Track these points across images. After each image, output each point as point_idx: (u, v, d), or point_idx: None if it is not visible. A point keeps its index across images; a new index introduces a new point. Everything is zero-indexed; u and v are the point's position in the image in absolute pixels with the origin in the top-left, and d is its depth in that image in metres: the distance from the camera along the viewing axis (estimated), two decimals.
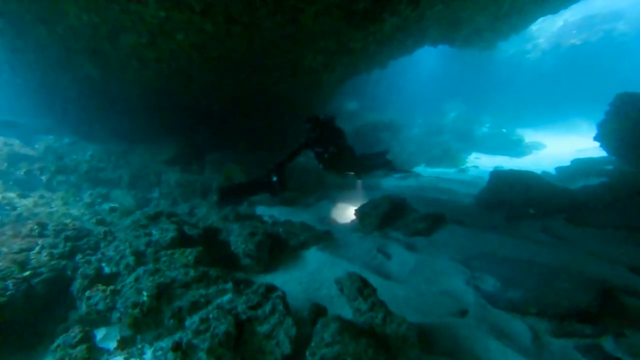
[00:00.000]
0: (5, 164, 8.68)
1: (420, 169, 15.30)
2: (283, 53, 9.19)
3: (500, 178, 9.01)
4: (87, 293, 3.86)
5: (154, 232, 5.22)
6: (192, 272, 3.97)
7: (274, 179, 6.05)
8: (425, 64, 26.48)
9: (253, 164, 10.03)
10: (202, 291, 3.83)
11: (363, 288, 3.81)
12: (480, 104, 25.39)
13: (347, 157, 6.63)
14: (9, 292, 4.16)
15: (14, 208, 7.54)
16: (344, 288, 4.11)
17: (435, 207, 7.96)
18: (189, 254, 4.28)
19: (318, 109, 13.36)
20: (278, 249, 5.77)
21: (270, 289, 3.78)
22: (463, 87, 25.67)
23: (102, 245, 5.22)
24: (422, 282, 4.96)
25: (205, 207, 8.23)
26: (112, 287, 3.83)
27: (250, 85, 10.22)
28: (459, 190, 10.71)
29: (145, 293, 3.64)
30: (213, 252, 5.33)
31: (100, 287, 3.84)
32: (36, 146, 9.87)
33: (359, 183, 10.62)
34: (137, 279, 3.88)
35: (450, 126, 21.51)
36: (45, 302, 4.41)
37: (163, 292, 3.73)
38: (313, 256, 5.78)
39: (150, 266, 3.99)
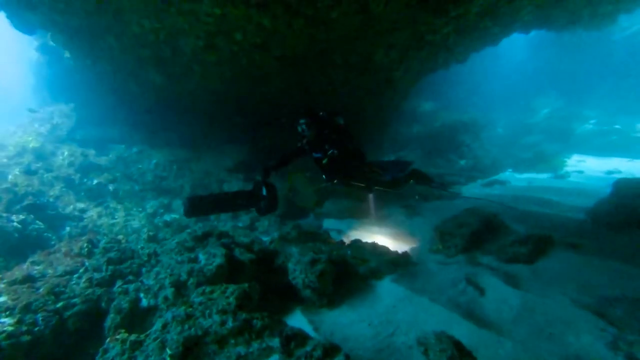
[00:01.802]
0: (79, 175, 8.84)
1: (507, 174, 13.13)
2: (351, 49, 8.17)
3: (629, 187, 6.94)
4: (107, 342, 3.17)
5: (200, 256, 4.50)
6: (230, 322, 3.08)
7: (264, 193, 4.58)
8: (510, 56, 23.28)
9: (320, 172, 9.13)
10: (241, 349, 2.91)
11: (458, 358, 2.65)
12: (579, 97, 21.56)
13: (353, 164, 4.95)
14: (37, 329, 3.68)
15: (81, 219, 7.50)
16: (429, 351, 2.97)
17: (535, 225, 6.34)
18: (231, 294, 3.41)
19: (390, 112, 12.12)
20: (344, 276, 4.74)
21: (330, 351, 2.76)
22: (558, 79, 21.91)
23: (144, 270, 4.63)
24: (536, 337, 3.56)
25: (267, 220, 7.51)
26: (134, 336, 3.08)
27: (314, 88, 9.37)
28: (563, 201, 8.63)
29: (168, 351, 2.82)
30: (268, 280, 4.54)
31: (122, 335, 3.14)
32: (110, 155, 10.04)
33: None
34: (164, 327, 3.10)
35: (542, 125, 18.50)
36: (76, 339, 3.88)
37: (191, 350, 2.88)
38: (387, 289, 4.64)
39: (181, 311, 3.18)
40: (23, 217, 6.42)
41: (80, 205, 8.10)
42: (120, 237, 5.99)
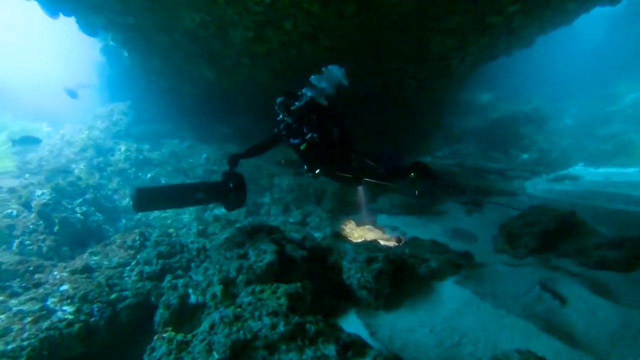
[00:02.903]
0: (134, 169, 9.14)
1: (579, 168, 11.80)
2: (404, 38, 7.66)
3: None
4: (154, 339, 3.05)
5: (250, 252, 4.31)
6: (282, 326, 2.83)
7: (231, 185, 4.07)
8: (583, 36, 20.45)
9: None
10: (293, 357, 2.64)
11: None
12: None
13: (338, 152, 4.20)
14: (93, 319, 3.68)
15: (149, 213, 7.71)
16: None
17: (625, 225, 5.51)
18: (282, 295, 3.16)
19: (444, 103, 11.39)
20: (402, 276, 4.35)
21: None
22: None
23: (193, 265, 4.54)
24: None
25: (318, 216, 7.27)
26: (180, 336, 2.93)
27: (365, 80, 8.95)
28: None
29: (215, 355, 2.62)
30: (321, 279, 4.28)
31: (168, 333, 3.00)
32: (163, 150, 10.32)
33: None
34: (212, 328, 2.91)
35: (626, 112, 16.26)
36: (128, 332, 3.85)
37: (239, 355, 2.66)
38: (450, 292, 4.19)
39: (229, 311, 2.98)
40: (85, 208, 6.70)
41: None
42: (171, 230, 6.02)
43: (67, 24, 9.72)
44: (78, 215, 6.46)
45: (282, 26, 6.93)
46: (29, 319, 3.52)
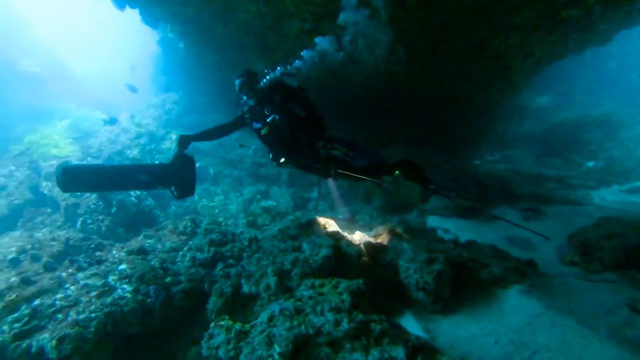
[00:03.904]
0: None
1: None
2: (466, 34, 7.27)
3: None
4: (212, 326, 3.00)
5: (304, 245, 4.22)
6: (345, 323, 2.68)
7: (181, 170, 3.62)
8: None
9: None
10: (358, 356, 2.49)
11: None
12: None
13: (306, 138, 3.69)
14: (149, 300, 3.72)
15: (185, 200, 7.86)
16: None
17: None
18: (344, 291, 3.01)
19: (499, 105, 10.78)
20: (462, 280, 4.10)
21: None
22: None
23: (244, 255, 4.50)
24: None
25: (367, 214, 7.07)
26: (238, 325, 2.85)
27: (420, 78, 8.62)
28: None
29: (277, 348, 2.51)
30: (376, 277, 4.11)
31: (226, 322, 2.93)
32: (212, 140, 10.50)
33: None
34: (270, 320, 2.82)
35: None
36: (181, 316, 3.86)
37: (301, 350, 2.54)
38: (515, 302, 3.87)
39: (290, 304, 2.87)
40: (138, 193, 6.90)
41: None
42: (220, 219, 6.05)
43: (128, 16, 10.21)
44: (132, 199, 6.67)
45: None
46: (94, 293, 3.61)
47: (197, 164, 9.24)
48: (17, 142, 9.87)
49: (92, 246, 5.35)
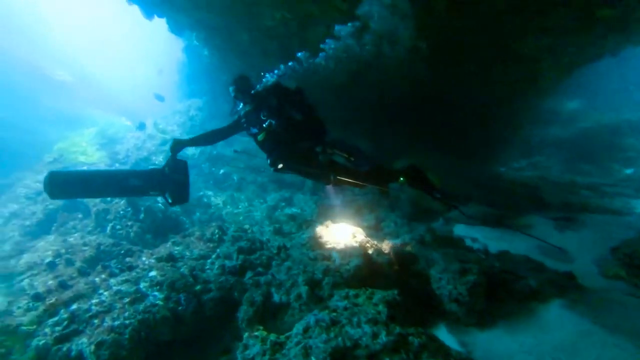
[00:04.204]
0: (208, 164, 9.46)
1: None
2: (493, 37, 7.11)
3: None
4: (246, 336, 2.97)
5: (334, 254, 4.16)
6: (383, 335, 2.61)
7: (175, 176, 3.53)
8: None
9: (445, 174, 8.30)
10: None
11: None
12: None
13: (304, 143, 3.55)
14: (180, 308, 3.72)
15: (209, 206, 7.92)
16: None
17: None
18: (380, 302, 2.94)
19: (527, 110, 10.49)
20: (496, 293, 3.94)
21: None
22: None
23: (274, 263, 4.47)
24: None
25: (392, 221, 6.95)
26: (273, 336, 2.81)
27: (444, 81, 8.48)
28: None
29: None
30: (407, 287, 3.96)
31: (260, 332, 2.90)
32: (235, 146, 10.60)
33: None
34: (306, 331, 2.77)
35: None
36: (212, 324, 3.84)
37: None
38: (557, 317, 3.66)
39: (325, 315, 2.81)
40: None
41: (209, 192, 8.62)
42: (246, 226, 6.05)
43: (154, 26, 10.48)
44: (159, 205, 6.75)
45: (366, 24, 6.73)
46: (127, 299, 3.65)
47: (221, 171, 9.37)
48: (49, 148, 10.22)
49: (122, 252, 5.45)
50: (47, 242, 6.54)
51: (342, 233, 4.72)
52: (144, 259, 4.73)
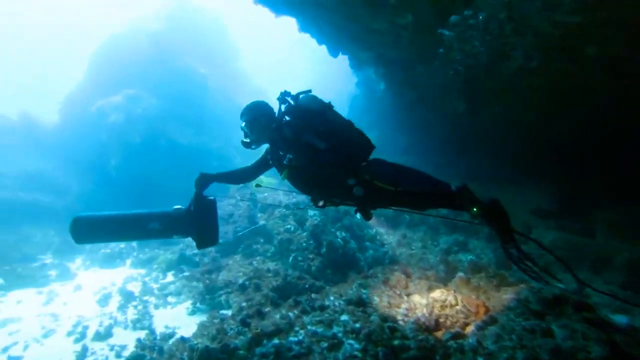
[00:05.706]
0: None
1: None
2: None
3: None
4: None
5: (555, 329, 3.37)
6: None
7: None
8: None
9: None
10: None
11: None
12: None
13: (328, 173, 2.63)
14: None
15: (382, 245, 7.74)
16: None
17: None
18: None
19: None
20: None
21: None
22: None
23: (475, 325, 3.86)
24: None
25: (601, 286, 5.48)
26: None
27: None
28: None
29: None
30: None
31: None
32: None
33: None
34: None
35: None
36: None
37: None
38: None
39: None
40: (344, 234, 7.07)
41: (380, 229, 8.49)
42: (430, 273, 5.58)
43: (329, 65, 11.34)
44: (339, 240, 6.87)
45: (582, 50, 5.69)
46: (325, 344, 3.61)
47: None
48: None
49: (307, 286, 5.66)
50: (235, 261, 7.39)
51: (564, 303, 3.80)
52: (332, 298, 4.73)
